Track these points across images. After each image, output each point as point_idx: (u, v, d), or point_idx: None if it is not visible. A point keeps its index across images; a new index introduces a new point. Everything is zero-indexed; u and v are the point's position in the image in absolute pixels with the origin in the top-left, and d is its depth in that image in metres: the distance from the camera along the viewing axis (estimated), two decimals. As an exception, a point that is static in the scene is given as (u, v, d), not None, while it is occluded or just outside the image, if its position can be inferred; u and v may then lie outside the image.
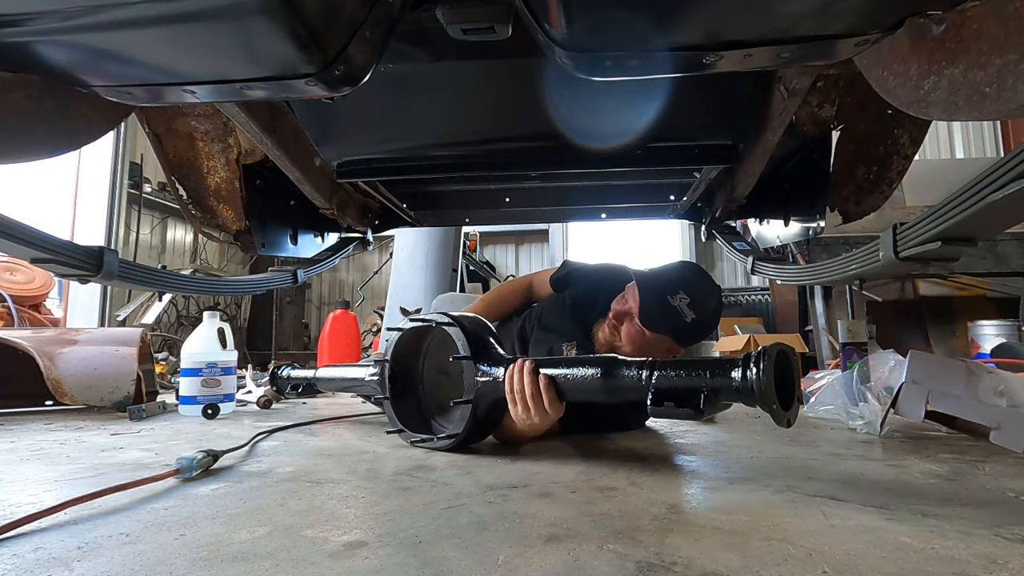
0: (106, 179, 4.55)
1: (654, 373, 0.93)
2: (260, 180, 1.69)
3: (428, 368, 1.35)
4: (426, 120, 1.43)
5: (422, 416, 1.32)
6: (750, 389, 0.83)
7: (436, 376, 1.34)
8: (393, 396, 1.31)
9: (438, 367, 1.34)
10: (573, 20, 0.73)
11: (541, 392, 1.04)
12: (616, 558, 0.59)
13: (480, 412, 1.16)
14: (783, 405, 0.83)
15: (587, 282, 1.63)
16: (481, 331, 1.23)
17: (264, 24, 0.69)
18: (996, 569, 0.56)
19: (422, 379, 1.35)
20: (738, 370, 0.85)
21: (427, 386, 1.35)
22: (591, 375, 1.02)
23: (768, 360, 0.82)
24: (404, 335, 1.34)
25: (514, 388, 1.07)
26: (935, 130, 5.67)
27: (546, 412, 1.05)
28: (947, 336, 3.79)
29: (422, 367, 1.36)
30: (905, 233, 0.89)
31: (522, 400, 1.06)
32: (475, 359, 1.16)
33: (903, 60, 0.69)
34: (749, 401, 0.85)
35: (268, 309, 6.21)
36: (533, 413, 1.05)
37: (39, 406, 2.02)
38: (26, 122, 0.87)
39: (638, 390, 0.95)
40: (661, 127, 1.37)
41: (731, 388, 0.86)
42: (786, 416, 0.84)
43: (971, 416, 1.24)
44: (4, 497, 0.85)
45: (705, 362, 0.92)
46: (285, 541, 0.65)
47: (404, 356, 1.35)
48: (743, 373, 0.84)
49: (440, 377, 1.33)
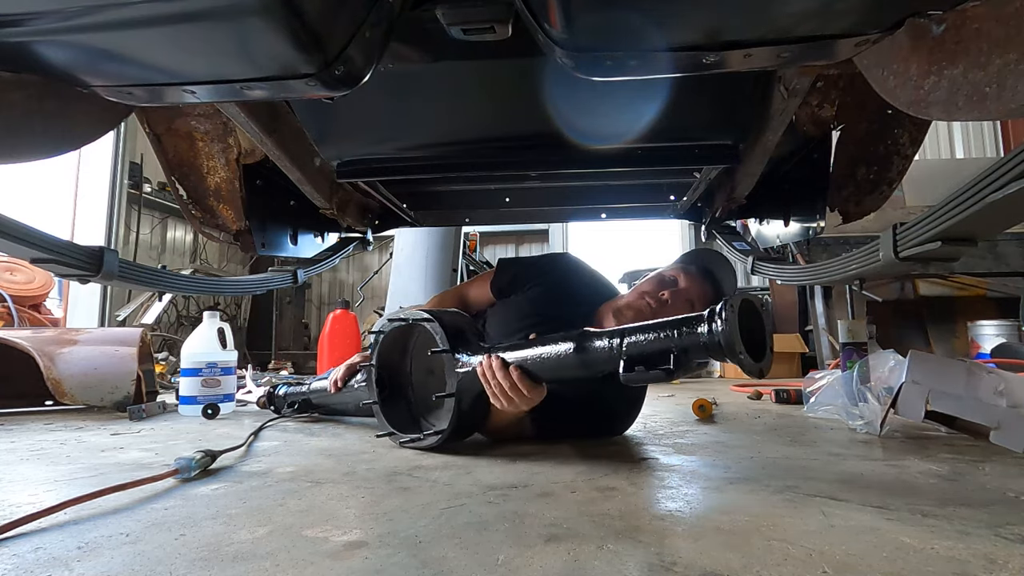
0: (106, 179, 4.54)
1: (624, 339, 0.92)
2: (260, 180, 1.69)
3: (416, 368, 1.34)
4: (426, 120, 1.43)
5: (412, 417, 1.31)
6: (717, 342, 0.81)
7: (424, 376, 1.33)
8: (382, 400, 1.30)
9: (425, 367, 1.33)
10: (573, 20, 0.73)
11: (516, 383, 1.05)
12: (616, 558, 0.59)
13: (464, 405, 1.15)
14: (754, 356, 0.81)
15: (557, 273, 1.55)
16: (460, 324, 1.22)
17: (264, 24, 0.69)
18: (996, 569, 0.56)
19: (410, 380, 1.34)
20: (704, 324, 0.84)
21: (416, 387, 1.34)
22: (563, 352, 1.01)
23: (731, 311, 0.81)
24: (387, 336, 1.33)
25: (491, 383, 1.07)
26: (935, 130, 5.67)
27: (528, 398, 1.06)
28: (947, 336, 3.79)
29: (410, 367, 1.35)
30: (905, 233, 0.89)
31: (501, 393, 1.06)
32: (454, 352, 1.15)
33: (903, 60, 0.69)
34: (718, 355, 0.83)
35: (268, 309, 6.20)
36: (517, 403, 1.06)
37: (39, 406, 2.02)
38: (26, 122, 0.87)
39: (611, 360, 0.94)
40: (661, 127, 1.37)
41: (699, 344, 0.84)
42: (757, 366, 0.82)
43: (971, 416, 1.24)
44: (4, 497, 0.85)
45: (673, 322, 0.91)
46: (285, 541, 0.65)
47: (390, 358, 1.34)
48: (709, 327, 0.83)
49: (427, 377, 1.32)
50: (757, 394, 2.32)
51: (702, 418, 1.68)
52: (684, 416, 1.75)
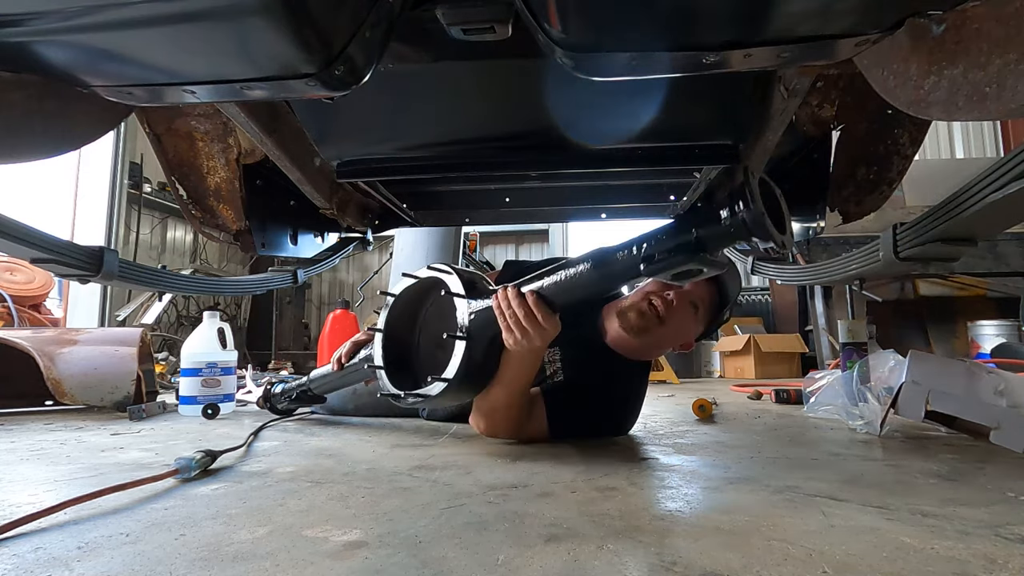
0: (106, 179, 4.54)
1: (643, 244, 0.92)
2: (260, 180, 1.69)
3: (424, 342, 1.28)
4: (426, 120, 1.43)
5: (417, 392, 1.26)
6: (742, 222, 0.81)
7: (432, 350, 1.26)
8: (387, 364, 1.24)
9: (435, 341, 1.26)
10: (573, 20, 0.73)
11: (533, 310, 1.03)
12: (616, 558, 0.59)
13: (475, 351, 1.10)
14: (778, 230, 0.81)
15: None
16: (474, 277, 1.19)
17: (264, 24, 0.69)
18: (996, 569, 0.56)
19: (418, 353, 1.28)
20: (725, 209, 0.83)
21: (423, 362, 1.26)
22: (580, 271, 1.00)
23: (751, 188, 0.80)
24: (398, 302, 1.27)
25: (506, 314, 1.05)
26: (935, 130, 5.68)
27: (543, 329, 1.04)
28: (947, 336, 3.79)
29: (418, 340, 1.29)
30: (905, 233, 0.89)
31: (516, 323, 1.04)
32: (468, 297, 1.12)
33: (903, 60, 0.69)
34: (744, 235, 0.82)
35: (268, 309, 6.20)
36: (531, 334, 1.04)
37: (39, 406, 2.02)
38: (26, 122, 0.87)
39: (630, 265, 0.93)
40: (661, 127, 1.37)
41: (725, 231, 0.83)
42: (782, 238, 0.82)
43: (971, 416, 1.24)
44: (4, 497, 0.85)
45: (689, 215, 0.90)
46: (285, 541, 0.65)
47: (398, 330, 1.28)
48: (731, 209, 0.82)
49: (436, 352, 1.26)
50: (757, 394, 2.32)
51: (702, 418, 1.68)
52: (684, 416, 1.75)
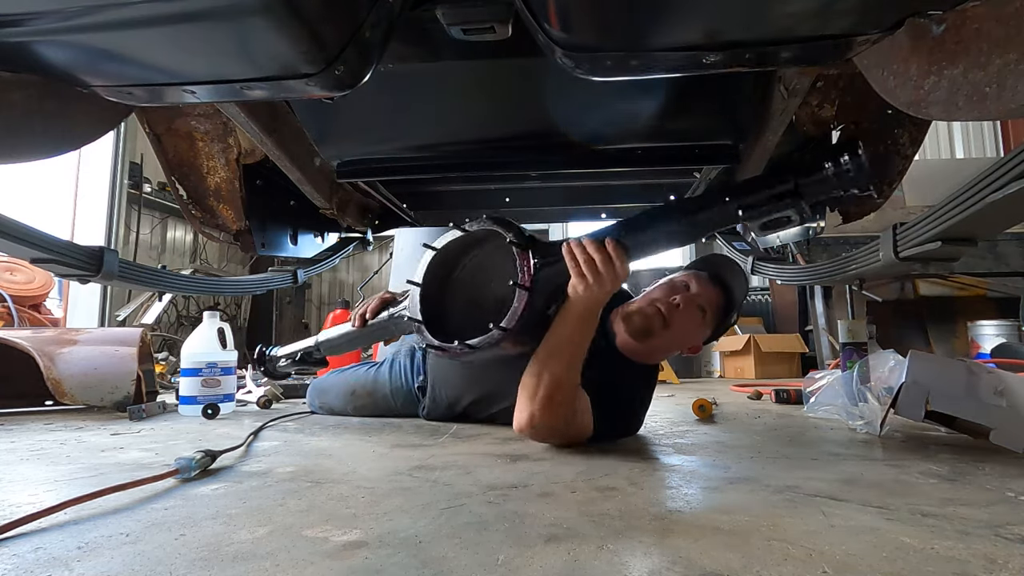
0: (106, 179, 4.54)
1: (737, 191, 0.99)
2: (260, 180, 1.69)
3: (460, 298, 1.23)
4: (426, 120, 1.43)
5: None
6: (847, 171, 0.91)
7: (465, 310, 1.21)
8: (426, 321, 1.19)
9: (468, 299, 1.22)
10: (573, 20, 0.73)
11: (611, 254, 1.03)
12: (616, 558, 0.59)
13: (536, 304, 1.08)
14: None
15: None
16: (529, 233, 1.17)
17: (264, 24, 0.69)
18: (996, 569, 0.56)
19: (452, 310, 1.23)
20: (829, 161, 0.93)
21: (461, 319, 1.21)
22: (667, 219, 1.04)
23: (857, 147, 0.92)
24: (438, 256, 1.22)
25: (579, 259, 1.05)
26: (935, 130, 5.67)
27: (617, 276, 1.04)
28: (947, 336, 3.79)
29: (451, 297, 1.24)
30: (905, 233, 0.89)
31: (591, 268, 1.04)
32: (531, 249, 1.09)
33: (903, 60, 0.69)
34: (848, 184, 0.93)
35: (268, 309, 6.19)
36: (604, 279, 1.04)
37: (39, 406, 2.02)
38: (26, 122, 0.87)
39: (729, 214, 0.99)
40: (661, 127, 1.38)
41: (828, 180, 0.94)
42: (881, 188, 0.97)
43: (971, 416, 1.24)
44: (4, 497, 0.85)
45: (787, 166, 1.00)
46: (285, 541, 0.65)
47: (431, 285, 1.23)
48: (836, 161, 0.92)
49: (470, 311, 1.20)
50: (757, 394, 2.32)
51: (702, 418, 1.68)
52: (684, 416, 1.75)
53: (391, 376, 1.73)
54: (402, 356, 1.74)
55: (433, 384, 1.61)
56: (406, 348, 1.75)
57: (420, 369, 1.67)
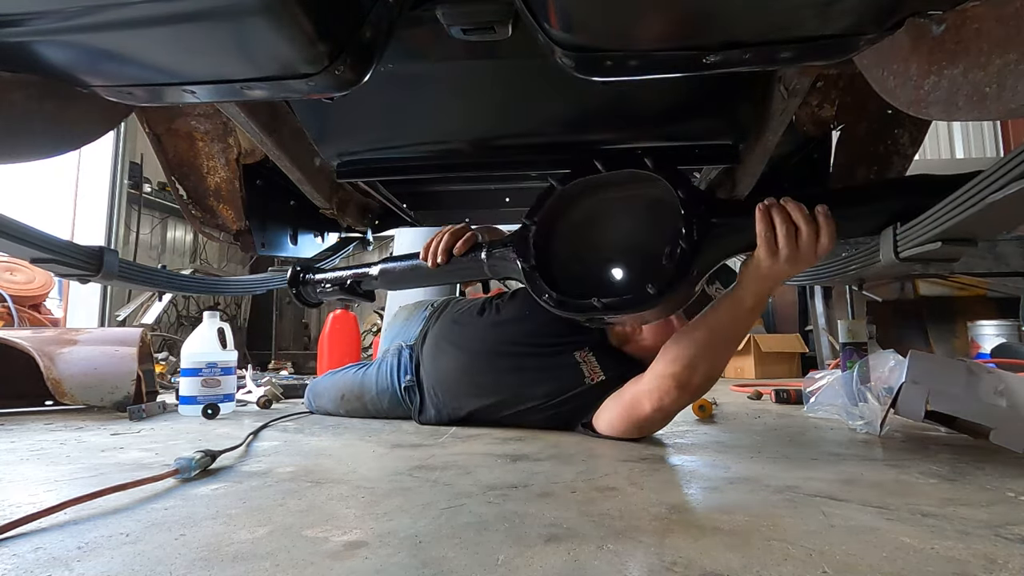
0: (106, 179, 4.54)
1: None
2: (260, 180, 1.69)
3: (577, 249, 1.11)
4: (426, 120, 1.43)
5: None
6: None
7: (576, 262, 1.09)
8: (540, 266, 1.05)
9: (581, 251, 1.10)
10: (573, 20, 0.73)
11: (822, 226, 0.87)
12: (616, 558, 0.59)
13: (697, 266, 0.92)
14: None
15: None
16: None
17: (264, 24, 0.69)
18: (996, 569, 0.56)
19: (566, 261, 1.11)
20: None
21: (579, 273, 1.08)
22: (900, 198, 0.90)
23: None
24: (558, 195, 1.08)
25: (777, 226, 0.90)
26: (935, 130, 5.66)
27: (826, 247, 0.90)
28: (947, 336, 3.79)
29: (564, 247, 1.12)
30: (905, 233, 0.89)
31: (788, 238, 0.88)
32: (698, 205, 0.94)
33: (903, 60, 0.69)
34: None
35: (268, 309, 6.20)
36: (801, 253, 0.89)
37: (39, 406, 2.02)
38: (26, 122, 0.87)
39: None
40: (661, 127, 1.37)
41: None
42: None
43: (971, 416, 1.24)
44: (4, 497, 0.85)
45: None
46: (285, 541, 0.65)
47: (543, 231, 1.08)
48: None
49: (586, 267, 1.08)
50: (757, 394, 2.32)
51: (702, 418, 1.68)
52: (684, 416, 1.75)
53: (377, 378, 1.66)
54: (390, 356, 1.69)
55: (432, 387, 1.54)
56: (394, 347, 1.70)
57: (408, 368, 1.61)
